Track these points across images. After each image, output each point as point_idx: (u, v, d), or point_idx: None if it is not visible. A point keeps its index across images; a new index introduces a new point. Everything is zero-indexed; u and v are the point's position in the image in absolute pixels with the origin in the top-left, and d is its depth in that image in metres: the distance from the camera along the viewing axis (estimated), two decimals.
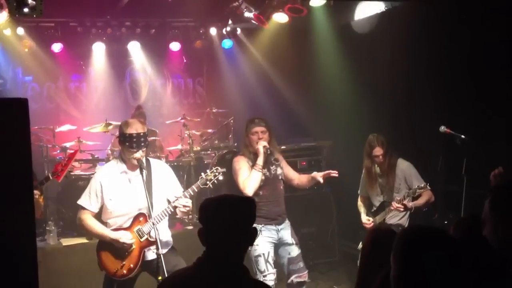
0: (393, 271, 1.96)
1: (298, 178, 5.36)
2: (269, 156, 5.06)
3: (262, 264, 4.91)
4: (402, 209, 5.27)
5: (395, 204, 5.24)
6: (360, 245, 5.71)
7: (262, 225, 4.96)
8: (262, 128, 5.03)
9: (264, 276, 4.88)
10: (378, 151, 5.44)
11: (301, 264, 5.09)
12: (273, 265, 4.96)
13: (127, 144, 4.38)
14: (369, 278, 2.48)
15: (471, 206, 5.03)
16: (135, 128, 4.41)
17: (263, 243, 4.94)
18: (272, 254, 5.00)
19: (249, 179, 4.91)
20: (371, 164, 5.58)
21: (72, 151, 5.07)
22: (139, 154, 4.39)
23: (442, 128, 5.37)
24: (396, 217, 5.48)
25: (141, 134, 4.38)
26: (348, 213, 6.38)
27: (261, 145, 4.92)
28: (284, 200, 5.24)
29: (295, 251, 5.09)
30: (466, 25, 5.83)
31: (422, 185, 5.17)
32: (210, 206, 2.40)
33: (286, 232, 5.11)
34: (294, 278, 5.04)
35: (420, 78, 6.48)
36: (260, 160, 4.91)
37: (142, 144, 4.38)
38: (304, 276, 5.08)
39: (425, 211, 5.70)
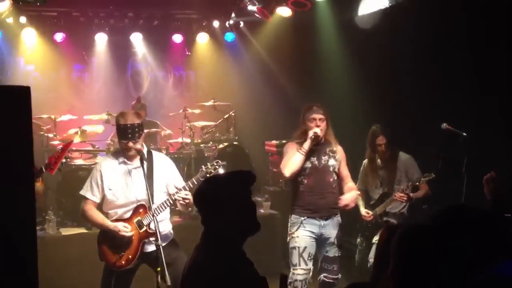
0: (392, 266, 1.98)
1: (347, 185, 5.03)
2: (323, 146, 4.88)
3: (295, 257, 4.75)
4: (405, 199, 5.28)
5: (398, 194, 5.26)
6: (358, 240, 5.73)
7: (305, 217, 4.81)
8: (320, 115, 4.84)
9: (295, 269, 4.73)
10: (381, 139, 5.47)
11: (335, 267, 4.88)
12: (307, 261, 4.75)
13: (118, 135, 4.45)
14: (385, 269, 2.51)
15: (471, 204, 5.02)
16: (126, 119, 4.43)
17: (302, 237, 4.77)
18: (311, 250, 4.79)
19: (289, 160, 4.76)
20: (373, 155, 5.59)
21: (67, 143, 5.03)
22: (138, 145, 4.40)
23: (444, 126, 5.37)
24: (397, 208, 5.51)
25: (128, 125, 4.37)
26: None
27: (312, 131, 4.74)
28: (336, 195, 4.92)
29: (333, 251, 4.87)
30: (470, 22, 5.81)
31: (426, 174, 5.19)
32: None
33: (331, 229, 4.87)
34: (323, 277, 4.87)
35: (423, 75, 6.47)
36: (306, 145, 4.74)
37: (130, 136, 4.36)
38: (333, 279, 4.87)
39: (425, 209, 5.71)
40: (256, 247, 4.13)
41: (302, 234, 4.78)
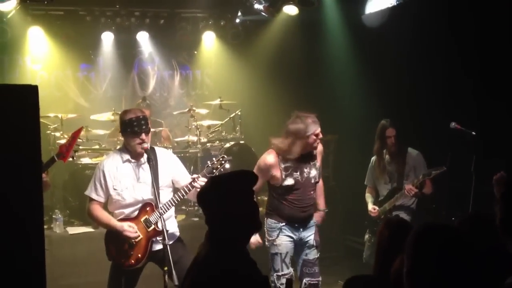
0: (406, 267, 1.96)
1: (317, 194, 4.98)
2: (307, 157, 4.69)
3: (277, 263, 4.69)
4: (414, 192, 5.25)
5: (408, 186, 5.24)
6: (366, 237, 5.71)
7: (283, 223, 4.72)
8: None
9: (278, 275, 4.68)
10: (390, 131, 5.45)
11: (316, 269, 4.82)
12: (289, 265, 4.72)
13: (129, 130, 4.33)
14: (387, 263, 2.52)
15: (479, 203, 5.01)
16: (134, 112, 4.40)
17: (284, 242, 4.71)
18: (290, 253, 4.76)
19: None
20: (382, 149, 5.56)
21: (76, 130, 4.87)
22: (146, 144, 4.36)
23: (453, 124, 5.35)
24: (406, 204, 5.49)
25: (141, 117, 4.32)
26: (354, 207, 6.36)
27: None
28: (315, 205, 4.94)
29: (313, 254, 4.82)
30: (477, 20, 5.78)
31: (437, 167, 5.17)
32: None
33: (309, 232, 4.82)
34: (306, 281, 4.79)
35: (430, 73, 6.44)
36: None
37: (144, 126, 4.30)
38: (317, 281, 4.81)
39: (433, 208, 5.69)
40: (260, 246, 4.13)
41: (283, 240, 4.72)
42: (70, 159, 4.74)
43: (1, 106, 2.11)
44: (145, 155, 4.36)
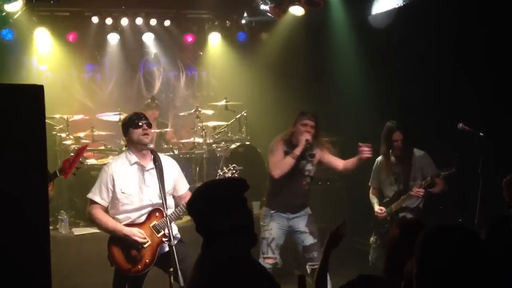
0: (415, 269, 1.92)
1: (344, 164, 5.30)
2: (305, 150, 5.11)
3: (264, 247, 5.10)
4: (422, 194, 5.22)
5: (415, 189, 5.22)
6: (372, 239, 5.67)
7: (274, 210, 5.16)
8: (312, 123, 5.11)
9: (264, 258, 5.07)
10: (397, 135, 5.40)
11: (316, 254, 5.06)
12: (274, 251, 5.09)
13: (130, 125, 4.40)
14: (397, 265, 2.49)
15: (487, 205, 4.97)
16: (133, 112, 4.56)
17: (273, 229, 5.13)
18: (279, 241, 5.14)
19: (280, 162, 5.03)
20: (388, 151, 5.52)
21: (81, 147, 4.98)
22: (150, 136, 4.38)
23: (460, 126, 5.31)
24: (413, 204, 5.45)
25: (139, 113, 4.49)
26: (361, 209, 6.32)
27: (305, 137, 5.02)
28: (308, 194, 5.32)
29: (308, 240, 5.15)
30: (484, 21, 5.75)
31: (446, 168, 5.13)
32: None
33: (299, 220, 5.21)
34: (308, 266, 5.12)
35: (437, 74, 6.40)
36: (298, 150, 5.01)
37: (143, 119, 4.38)
38: (317, 264, 4.97)
39: (440, 209, 5.65)
40: None
41: (273, 226, 5.14)
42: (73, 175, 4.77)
43: (7, 106, 2.11)
44: (151, 161, 4.32)
